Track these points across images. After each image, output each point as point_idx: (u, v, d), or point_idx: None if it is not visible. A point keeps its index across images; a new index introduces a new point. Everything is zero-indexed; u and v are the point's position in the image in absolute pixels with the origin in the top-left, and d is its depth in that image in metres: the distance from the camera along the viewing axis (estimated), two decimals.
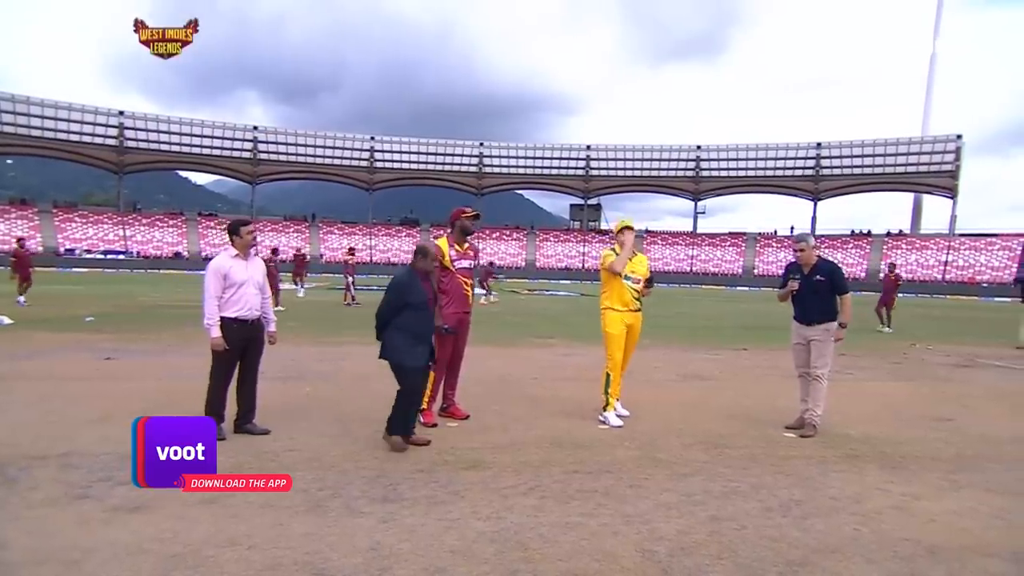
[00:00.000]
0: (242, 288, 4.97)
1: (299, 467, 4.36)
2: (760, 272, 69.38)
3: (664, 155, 77.65)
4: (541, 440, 5.25)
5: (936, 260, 65.97)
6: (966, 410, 7.06)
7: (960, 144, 67.59)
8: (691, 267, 72.84)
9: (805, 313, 5.86)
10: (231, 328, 4.93)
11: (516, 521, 3.62)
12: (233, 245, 5.08)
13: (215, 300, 4.90)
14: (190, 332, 11.48)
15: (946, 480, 4.58)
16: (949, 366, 10.58)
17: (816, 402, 5.78)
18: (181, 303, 18.96)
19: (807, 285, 5.82)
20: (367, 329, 5.29)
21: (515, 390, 7.27)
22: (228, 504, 3.69)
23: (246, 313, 5.01)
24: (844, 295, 5.71)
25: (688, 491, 4.19)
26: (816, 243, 6.01)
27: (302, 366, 8.34)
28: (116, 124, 67.45)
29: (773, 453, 5.12)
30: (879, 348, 12.67)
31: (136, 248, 64.67)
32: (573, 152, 79.41)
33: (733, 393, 7.57)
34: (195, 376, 7.40)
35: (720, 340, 13.30)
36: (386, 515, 3.64)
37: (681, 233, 79.82)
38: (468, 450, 4.91)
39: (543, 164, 79.69)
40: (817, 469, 4.74)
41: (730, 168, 76.88)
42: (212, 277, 4.91)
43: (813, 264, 5.80)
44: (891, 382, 8.81)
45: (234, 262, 5.00)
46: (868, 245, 70.43)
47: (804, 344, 5.88)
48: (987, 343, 14.42)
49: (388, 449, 4.79)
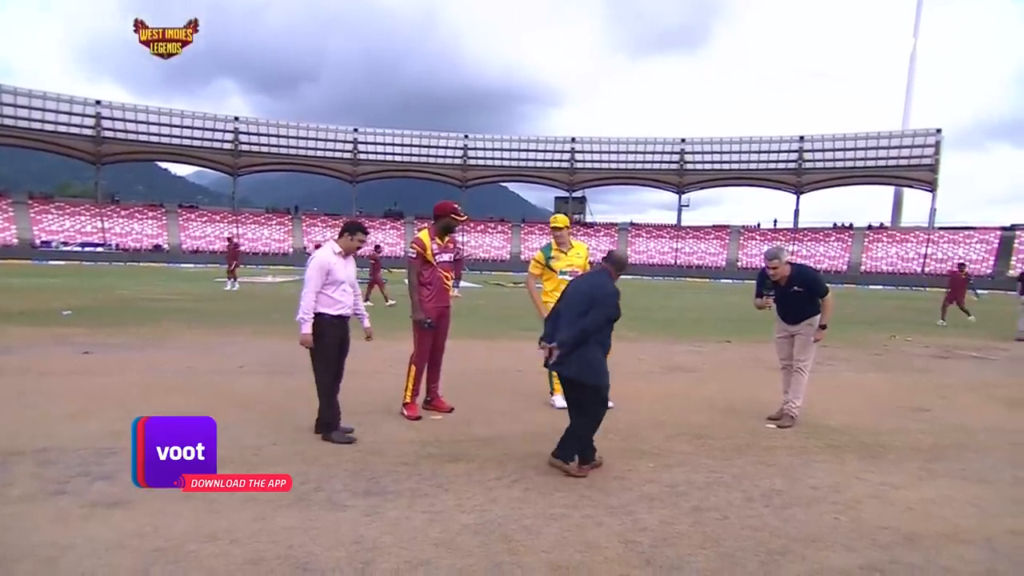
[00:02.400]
0: (342, 286, 4.95)
1: (282, 461, 4.34)
2: (744, 265, 69.83)
3: (648, 148, 77.90)
4: (525, 432, 5.27)
5: (916, 253, 66.78)
6: (943, 401, 7.17)
7: (939, 138, 68.45)
8: (675, 260, 73.20)
9: (787, 315, 5.90)
10: (332, 325, 4.88)
11: (500, 513, 3.63)
12: (339, 242, 5.03)
13: (314, 295, 4.81)
14: (170, 326, 11.37)
15: (923, 469, 4.66)
16: (928, 357, 10.73)
17: (796, 394, 5.85)
18: (161, 297, 18.76)
19: (785, 296, 5.82)
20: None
21: (499, 383, 7.28)
22: (209, 499, 3.67)
23: (346, 311, 5.00)
24: (824, 298, 5.72)
25: (671, 482, 4.22)
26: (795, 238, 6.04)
27: (288, 359, 8.30)
28: (93, 114, 66.35)
29: (756, 444, 5.17)
30: (859, 340, 12.82)
31: (115, 241, 63.80)
32: (558, 145, 79.42)
33: (717, 385, 7.64)
34: (175, 371, 7.36)
35: (704, 333, 13.40)
36: (369, 508, 3.64)
37: (665, 226, 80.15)
38: (452, 443, 4.92)
39: (528, 157, 79.64)
40: (799, 459, 4.80)
41: (714, 161, 77.32)
42: (317, 271, 4.83)
43: (788, 275, 5.75)
44: (871, 373, 8.93)
45: (336, 259, 4.95)
46: (850, 238, 71.17)
47: (788, 337, 5.93)
48: (965, 335, 14.65)
49: (566, 475, 4.27)
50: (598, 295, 4.31)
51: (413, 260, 5.66)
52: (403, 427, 5.31)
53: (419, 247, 5.64)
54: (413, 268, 5.66)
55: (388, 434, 5.09)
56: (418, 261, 5.64)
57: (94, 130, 66.41)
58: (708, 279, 64.83)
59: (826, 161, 73.12)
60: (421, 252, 5.62)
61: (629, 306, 6.28)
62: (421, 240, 5.67)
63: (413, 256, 5.65)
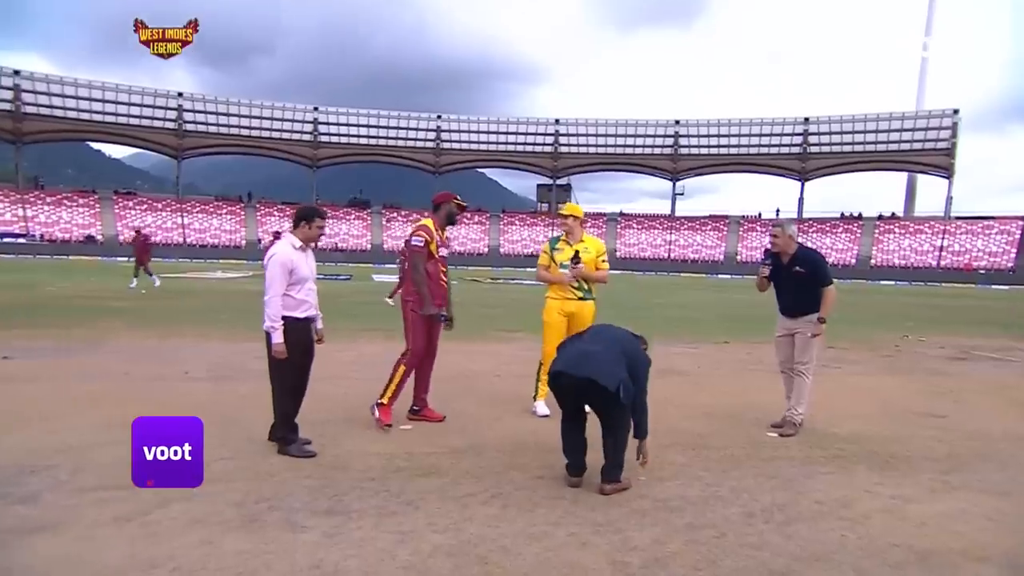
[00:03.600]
0: (306, 284, 4.89)
1: (232, 477, 4.29)
2: (743, 259, 70.54)
3: (640, 131, 78.38)
4: (504, 443, 5.28)
5: (931, 245, 67.82)
6: (960, 406, 7.30)
7: (956, 119, 69.45)
8: (669, 253, 73.74)
9: (787, 305, 6.00)
10: (297, 330, 4.83)
11: (476, 532, 3.63)
12: (296, 232, 4.96)
13: (280, 299, 4.74)
14: (106, 328, 11.20)
15: (938, 481, 4.73)
16: (943, 359, 10.93)
17: (799, 400, 5.92)
18: (95, 294, 18.47)
19: (786, 276, 5.92)
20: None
21: (476, 388, 7.28)
22: (147, 522, 3.62)
23: (311, 312, 4.96)
24: (826, 287, 5.79)
25: (663, 496, 4.25)
26: (799, 228, 6.14)
27: (238, 364, 8.21)
28: (11, 86, 64.94)
29: (755, 454, 5.23)
30: (869, 340, 13.01)
31: (39, 231, 62.63)
32: (540, 127, 79.61)
33: (713, 390, 7.71)
34: (110, 378, 7.25)
35: (700, 333, 13.51)
36: (331, 529, 3.62)
37: (658, 216, 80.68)
38: (423, 455, 4.91)
39: (507, 140, 79.74)
40: (802, 471, 4.85)
41: (711, 145, 77.98)
42: (280, 270, 4.74)
43: (792, 253, 5.88)
44: (881, 376, 9.07)
45: (298, 254, 4.89)
46: (859, 229, 72.13)
47: (788, 337, 6.01)
48: (984, 334, 14.92)
49: (611, 492, 4.26)
50: (636, 356, 4.42)
51: (420, 249, 5.66)
52: (368, 439, 5.29)
53: (427, 235, 5.67)
54: (420, 258, 5.66)
55: (352, 446, 5.06)
56: (425, 251, 5.66)
57: (13, 104, 65.00)
58: (704, 274, 65.40)
59: (833, 145, 74.03)
60: (429, 241, 5.65)
61: (618, 304, 6.29)
62: (428, 228, 5.70)
63: (420, 245, 5.66)
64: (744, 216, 79.01)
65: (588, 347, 4.37)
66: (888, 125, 71.28)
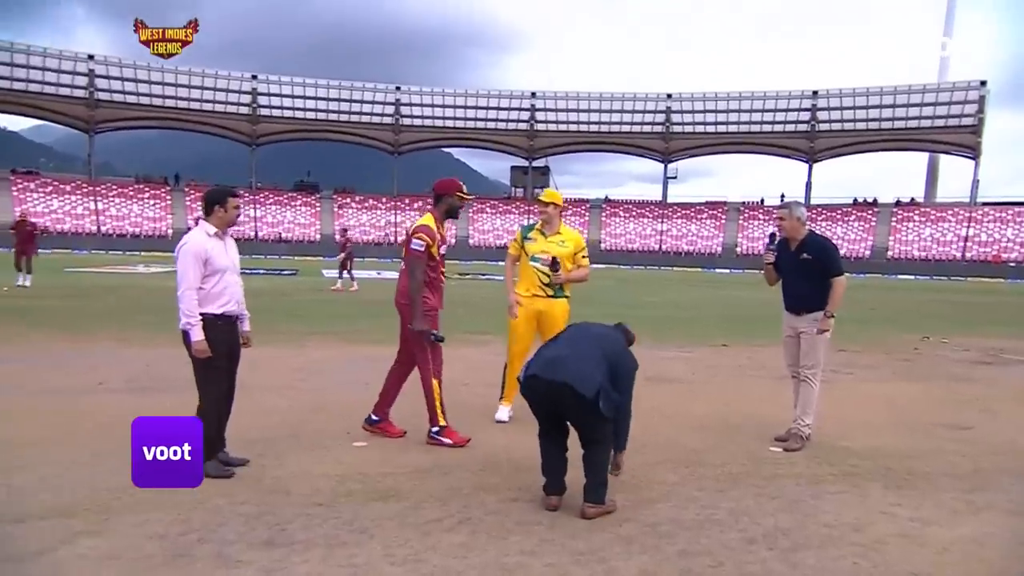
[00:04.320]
0: (226, 275, 4.86)
1: (154, 505, 4.23)
2: (744, 251, 71.19)
3: (627, 106, 78.64)
4: (472, 460, 5.28)
5: (955, 235, 68.77)
6: (988, 416, 7.44)
7: (984, 92, 70.07)
8: (660, 244, 74.18)
9: (791, 299, 6.08)
10: (216, 327, 4.79)
11: (440, 564, 3.62)
12: (210, 219, 4.90)
13: (195, 293, 4.71)
14: (5, 332, 11.01)
15: (962, 501, 4.81)
16: (968, 363, 11.13)
17: (804, 409, 6.00)
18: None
19: (792, 264, 6.00)
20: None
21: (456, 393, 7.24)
22: (55, 559, 3.56)
23: (232, 308, 4.91)
24: (836, 277, 5.87)
25: (653, 520, 4.27)
26: (808, 215, 6.19)
27: (161, 373, 8.11)
28: None
29: (757, 472, 5.28)
30: (885, 342, 13.21)
31: None
32: (514, 101, 79.54)
33: (710, 399, 7.78)
34: (7, 391, 7.12)
35: (695, 334, 13.62)
36: (271, 564, 3.58)
37: (648, 203, 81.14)
38: (380, 476, 4.88)
39: (476, 116, 79.51)
40: (809, 490, 4.91)
41: (707, 123, 78.43)
42: (192, 262, 4.71)
43: (801, 239, 5.97)
44: (899, 383, 9.22)
45: (214, 242, 4.84)
46: (874, 217, 73.02)
47: (794, 337, 6.09)
48: (1014, 335, 15.22)
49: (593, 515, 4.28)
50: (620, 358, 4.59)
51: (420, 255, 5.64)
52: (315, 458, 5.25)
53: (428, 237, 5.65)
54: (420, 263, 5.65)
55: (297, 467, 5.02)
56: (425, 256, 5.66)
57: None
58: (700, 268, 65.93)
59: (844, 122, 74.74)
60: (430, 244, 5.65)
61: (602, 303, 6.31)
62: (430, 229, 5.69)
63: (421, 250, 5.64)
64: (745, 202, 79.66)
65: (563, 350, 4.42)
66: (907, 99, 71.93)
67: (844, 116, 74.62)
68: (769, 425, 6.46)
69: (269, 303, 17.52)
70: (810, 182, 76.33)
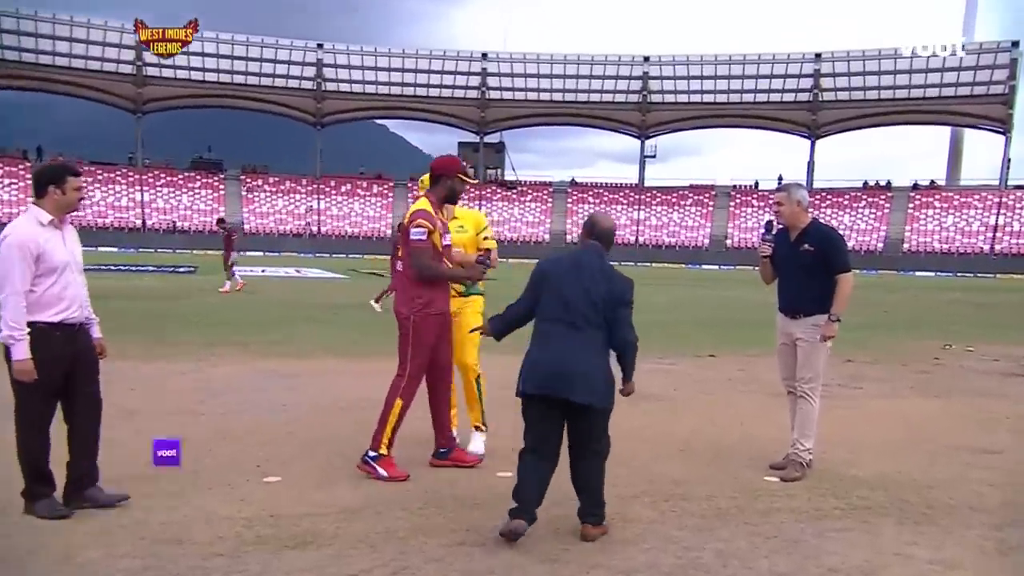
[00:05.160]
0: (64, 274, 4.68)
1: (17, 556, 4.14)
2: (736, 243, 72.03)
3: (596, 71, 78.94)
4: (410, 497, 5.24)
5: (982, 223, 69.92)
6: (1020, 438, 7.56)
7: (1016, 56, 71.06)
8: (637, 236, 74.63)
9: (787, 299, 6.10)
10: (53, 339, 4.62)
11: None
12: (43, 204, 4.73)
13: (22, 298, 4.51)
14: None
15: (991, 539, 4.86)
16: (998, 375, 11.33)
17: (803, 431, 6.00)
18: None
19: (790, 257, 6.01)
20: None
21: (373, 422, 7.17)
22: None
23: (74, 314, 4.75)
24: (841, 274, 5.87)
25: (627, 567, 4.26)
26: (811, 200, 6.23)
27: None
28: None
29: (749, 506, 5.30)
30: (899, 351, 13.43)
31: None
32: (462, 64, 79.52)
33: (695, 419, 7.82)
34: None
35: (677, 343, 13.70)
36: None
37: (622, 186, 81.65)
38: (296, 517, 4.82)
39: (416, 81, 79.33)
40: (811, 528, 4.94)
41: (691, 91, 78.99)
42: (17, 260, 4.51)
43: (802, 228, 5.98)
44: (916, 399, 9.36)
45: (48, 233, 4.66)
46: (887, 203, 74.14)
47: (790, 345, 6.11)
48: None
49: (595, 536, 4.58)
50: (618, 301, 4.74)
51: (423, 245, 5.65)
52: (217, 497, 5.16)
53: (429, 223, 5.66)
54: (425, 255, 5.67)
55: (193, 509, 4.93)
56: (430, 246, 5.67)
57: None
58: (684, 264, 66.50)
59: (852, 91, 75.63)
60: (431, 231, 5.67)
61: None
62: (429, 214, 5.71)
63: (423, 239, 5.64)
64: (736, 186, 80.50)
65: (565, 352, 4.55)
66: (925, 63, 72.64)
67: (852, 84, 75.31)
68: (764, 450, 6.50)
69: (160, 308, 17.26)
70: (812, 162, 77.22)
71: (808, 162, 77.03)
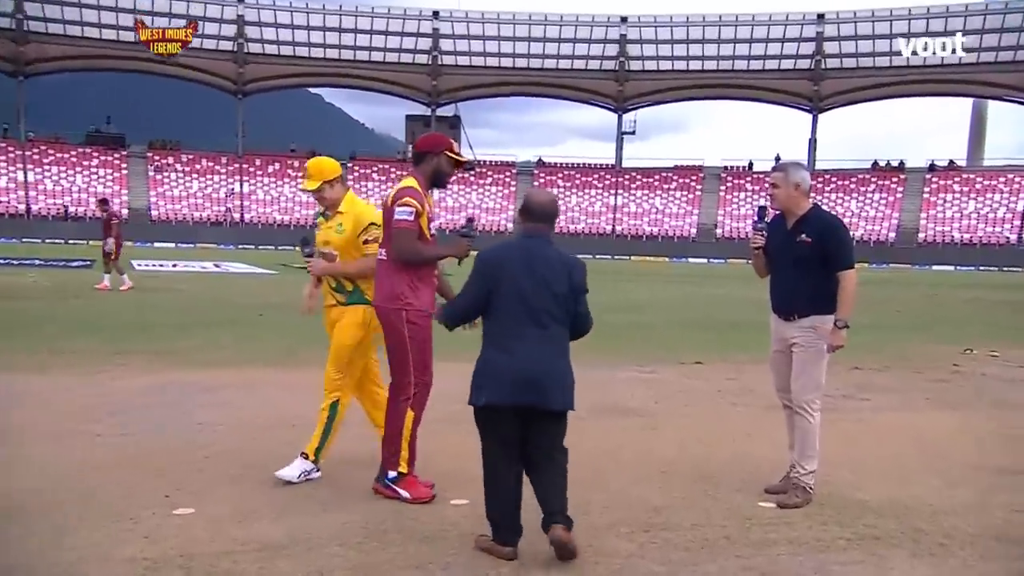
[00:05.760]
0: None
1: None
2: (727, 233, 72.54)
3: (566, 33, 79.09)
4: (348, 530, 5.22)
5: (1008, 209, 70.80)
6: None
7: None
8: (613, 224, 74.98)
9: (780, 297, 6.09)
10: None
11: None
12: None
13: None
14: None
15: (1014, 572, 4.94)
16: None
17: (803, 451, 6.01)
18: None
19: (784, 248, 5.98)
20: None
21: (302, 443, 7.12)
22: None
23: None
24: (843, 271, 5.83)
25: None
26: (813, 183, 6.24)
27: None
28: None
29: (741, 536, 5.33)
30: (914, 356, 13.62)
31: None
32: (410, 24, 79.33)
33: (678, 436, 7.85)
34: None
35: (659, 349, 13.84)
36: None
37: (597, 167, 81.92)
38: (213, 556, 4.78)
39: (356, 43, 78.93)
40: (812, 561, 4.97)
41: (675, 57, 79.38)
42: None
43: (800, 215, 5.95)
44: (932, 412, 9.45)
45: None
46: (900, 186, 74.96)
47: (784, 352, 6.12)
48: None
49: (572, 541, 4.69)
50: (576, 277, 4.96)
51: (410, 226, 5.65)
52: (117, 533, 5.10)
53: (418, 202, 5.67)
54: (410, 237, 5.66)
55: (89, 547, 4.87)
56: (417, 228, 5.67)
57: None
58: (667, 257, 66.80)
59: (860, 57, 76.30)
60: (420, 212, 5.68)
61: None
62: (417, 191, 5.74)
63: (410, 220, 5.64)
64: (727, 167, 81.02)
65: (540, 349, 4.74)
66: (943, 25, 73.09)
67: (860, 49, 75.93)
68: (758, 472, 6.54)
69: (48, 310, 17.08)
70: (814, 139, 77.80)
71: (809, 139, 77.61)
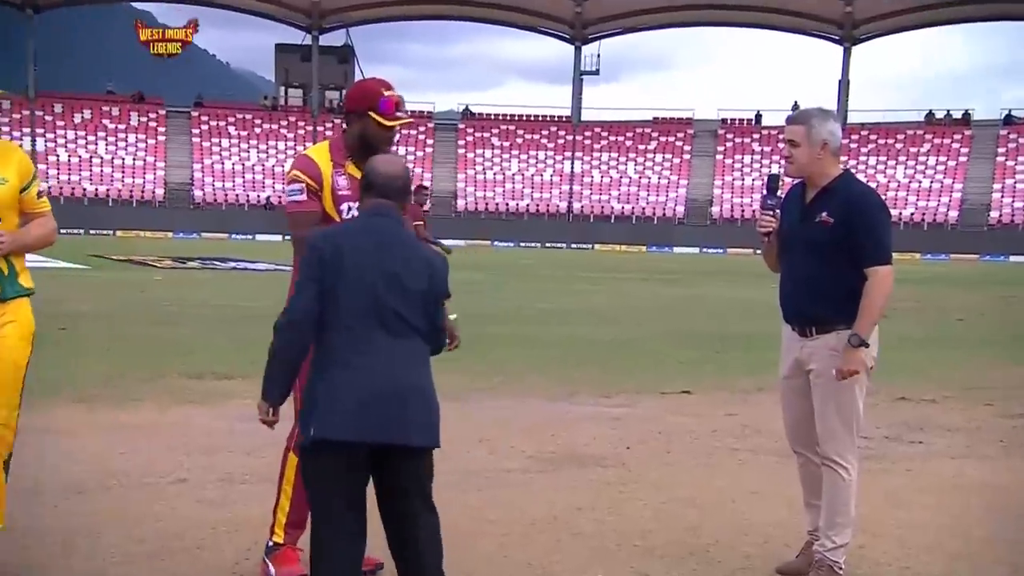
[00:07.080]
0: None
1: None
2: (727, 212, 72.87)
3: None
4: None
5: None
6: None
7: None
8: (569, 200, 74.86)
9: (789, 299, 5.91)
10: None
11: None
12: None
13: None
14: None
15: None
16: None
17: (832, 519, 5.92)
18: None
19: (798, 231, 5.84)
20: None
21: (129, 513, 7.12)
22: None
23: None
24: (875, 267, 5.60)
25: None
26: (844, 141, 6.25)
27: None
28: None
29: None
30: (983, 382, 13.70)
31: None
32: None
33: (658, 495, 7.82)
34: None
35: (632, 372, 13.92)
36: None
37: (547, 120, 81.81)
38: None
39: None
40: None
41: None
42: None
43: (824, 184, 5.77)
44: (1008, 460, 9.48)
45: None
46: (964, 146, 75.36)
47: (798, 380, 5.98)
48: None
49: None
50: (438, 273, 4.67)
51: (299, 208, 5.62)
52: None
53: (308, 175, 5.63)
54: (302, 221, 5.57)
55: None
56: (312, 213, 5.58)
57: None
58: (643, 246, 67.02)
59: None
60: (315, 189, 5.60)
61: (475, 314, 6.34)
62: (311, 161, 5.71)
63: (299, 200, 5.61)
64: (726, 121, 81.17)
65: (396, 364, 4.49)
66: None
67: None
68: (768, 544, 6.56)
69: None
70: (846, 80, 78.20)
71: (840, 81, 77.70)
